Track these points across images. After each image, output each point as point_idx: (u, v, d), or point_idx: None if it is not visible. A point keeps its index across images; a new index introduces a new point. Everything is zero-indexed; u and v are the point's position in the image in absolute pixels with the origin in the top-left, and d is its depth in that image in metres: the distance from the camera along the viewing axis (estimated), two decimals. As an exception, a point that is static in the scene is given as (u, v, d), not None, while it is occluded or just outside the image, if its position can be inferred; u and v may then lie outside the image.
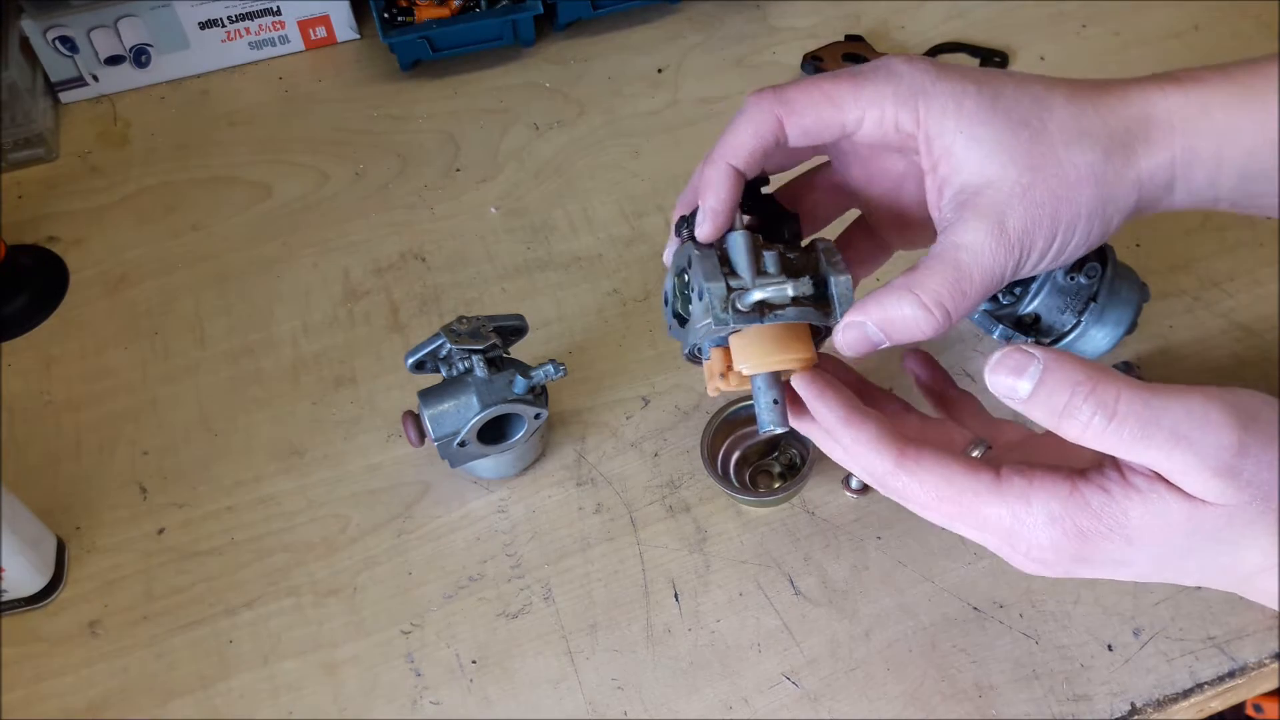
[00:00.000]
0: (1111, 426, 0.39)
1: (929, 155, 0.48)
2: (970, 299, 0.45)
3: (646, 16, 0.98)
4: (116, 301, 0.79)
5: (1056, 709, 0.59)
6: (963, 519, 0.43)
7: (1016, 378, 0.40)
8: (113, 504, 0.69)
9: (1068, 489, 0.41)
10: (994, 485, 0.42)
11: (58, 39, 0.89)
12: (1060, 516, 0.41)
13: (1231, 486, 0.39)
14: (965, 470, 0.43)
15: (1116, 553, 0.41)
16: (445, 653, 0.62)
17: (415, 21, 0.91)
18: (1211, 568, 0.42)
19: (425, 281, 0.79)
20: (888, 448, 0.44)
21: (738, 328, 0.47)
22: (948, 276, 0.45)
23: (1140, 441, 0.39)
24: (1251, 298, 0.75)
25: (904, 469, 0.44)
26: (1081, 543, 0.41)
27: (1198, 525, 0.40)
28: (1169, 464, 0.39)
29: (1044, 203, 0.45)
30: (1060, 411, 0.40)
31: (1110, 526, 0.40)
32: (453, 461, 0.65)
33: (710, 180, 0.48)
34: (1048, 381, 0.40)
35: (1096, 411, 0.39)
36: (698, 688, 0.60)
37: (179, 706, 0.61)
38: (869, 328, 0.46)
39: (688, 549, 0.65)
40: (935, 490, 0.43)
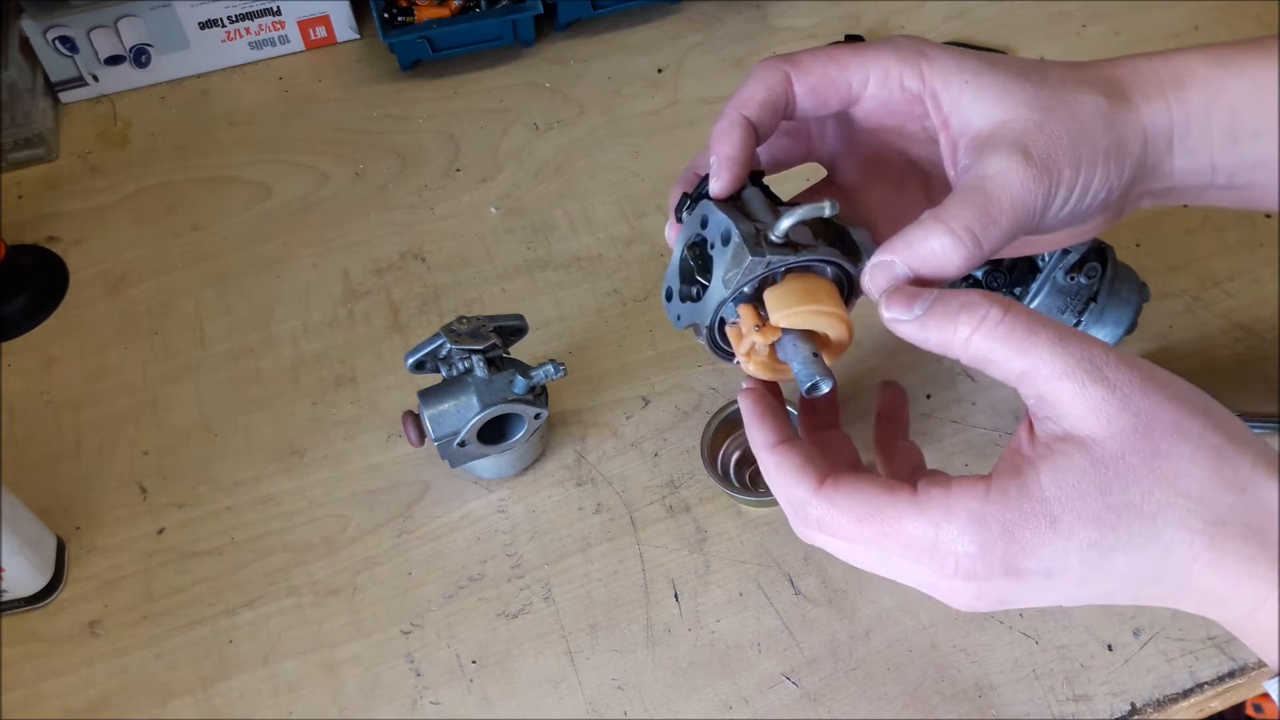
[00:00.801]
0: (1006, 318, 0.39)
1: (938, 112, 0.47)
2: (1001, 228, 0.43)
3: (646, 16, 0.98)
4: (116, 301, 0.79)
5: (1056, 709, 0.59)
6: (884, 541, 0.41)
7: (909, 304, 0.42)
8: (113, 504, 0.69)
9: (983, 487, 0.39)
10: (912, 500, 0.40)
11: (58, 39, 0.89)
12: (981, 514, 0.39)
13: (1110, 400, 0.38)
14: (882, 489, 0.41)
15: (1046, 551, 0.39)
16: (445, 653, 0.62)
17: (415, 21, 0.91)
18: (1145, 564, 0.39)
19: (425, 281, 0.79)
20: (809, 476, 0.43)
21: (773, 264, 0.44)
22: (975, 203, 0.43)
23: (1028, 336, 0.39)
24: (1251, 298, 0.75)
25: (821, 495, 0.42)
26: (1009, 542, 0.39)
27: (1104, 474, 0.38)
28: (1050, 364, 0.39)
29: (1061, 135, 0.44)
30: (957, 310, 0.40)
31: (1030, 510, 0.39)
32: (453, 461, 0.65)
33: (723, 131, 0.47)
34: (943, 296, 0.41)
35: (993, 304, 0.40)
36: (698, 688, 0.60)
37: (179, 706, 0.61)
38: (897, 265, 0.44)
39: (688, 549, 0.65)
40: (853, 512, 0.41)
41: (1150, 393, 0.39)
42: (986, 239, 0.43)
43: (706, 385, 0.73)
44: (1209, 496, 0.38)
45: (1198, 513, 0.38)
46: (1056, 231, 0.48)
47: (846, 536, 0.42)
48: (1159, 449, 0.38)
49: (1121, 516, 0.38)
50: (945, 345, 0.41)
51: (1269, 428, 0.68)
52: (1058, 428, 0.39)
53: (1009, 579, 0.39)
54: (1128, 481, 0.38)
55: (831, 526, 0.42)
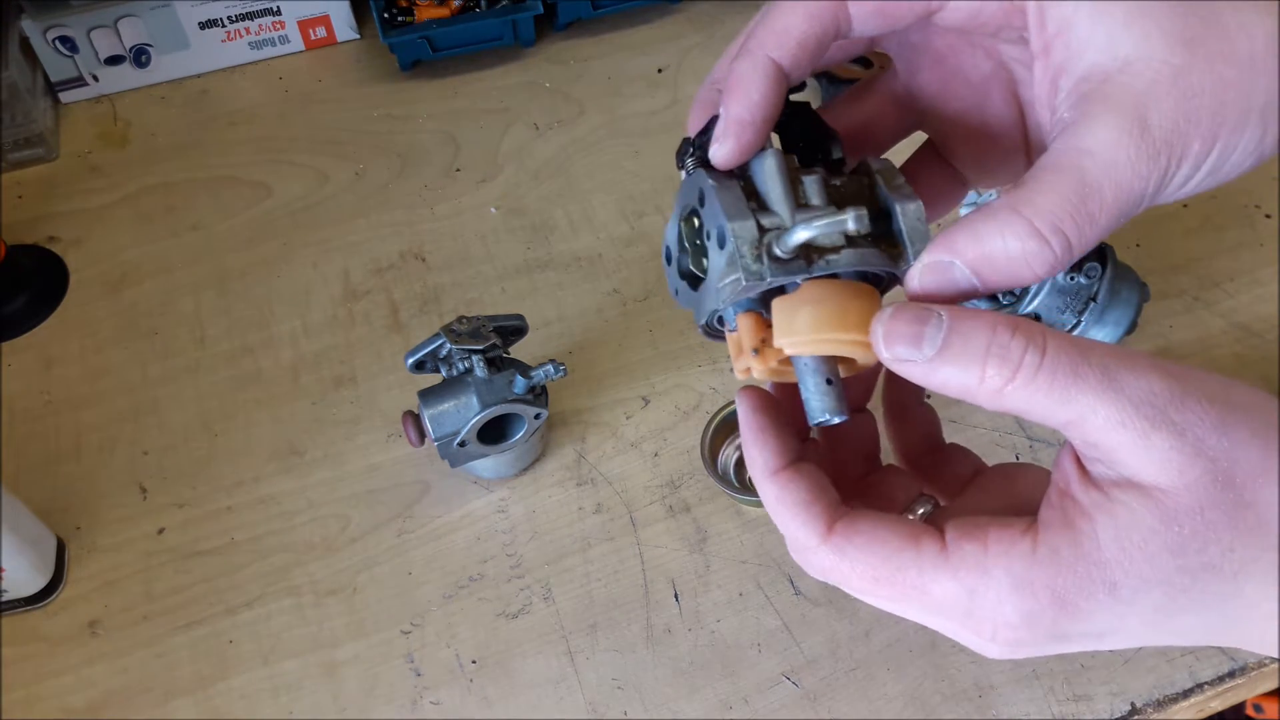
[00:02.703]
0: (1045, 364, 0.31)
1: (1040, 33, 0.35)
2: (1099, 225, 0.33)
3: (646, 16, 0.98)
4: (116, 301, 0.79)
5: (1056, 709, 0.59)
6: (907, 601, 0.34)
7: (916, 338, 0.32)
8: (113, 504, 0.69)
9: (1029, 543, 0.32)
10: (941, 557, 0.33)
11: (58, 39, 0.89)
12: (1027, 580, 0.32)
13: (1178, 448, 0.31)
14: (905, 540, 0.34)
15: (1102, 615, 0.32)
16: (445, 653, 0.62)
17: (415, 21, 0.91)
18: (1215, 619, 0.33)
19: (425, 281, 0.79)
20: (815, 518, 0.35)
21: (776, 283, 0.35)
22: (1069, 192, 0.33)
23: (1072, 383, 0.31)
24: (1251, 298, 0.75)
25: (830, 545, 0.34)
26: (1059, 610, 0.32)
27: (1175, 534, 0.31)
28: (1100, 412, 0.31)
29: (1203, 91, 0.33)
30: (983, 355, 0.31)
31: (1087, 575, 0.31)
32: (453, 461, 0.65)
33: (740, 79, 0.36)
34: (960, 330, 0.32)
35: (1028, 348, 0.31)
36: (698, 688, 0.60)
37: (179, 706, 0.61)
38: (957, 269, 0.33)
39: (688, 549, 0.65)
40: (870, 570, 0.34)
41: (1229, 429, 0.31)
42: (1081, 239, 0.33)
43: (706, 385, 0.73)
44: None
45: None
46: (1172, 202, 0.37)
47: (860, 591, 0.35)
48: (1243, 499, 0.31)
49: (1196, 579, 0.31)
50: (968, 395, 0.33)
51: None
52: (1114, 473, 0.32)
53: (1054, 643, 0.33)
54: (1206, 540, 0.31)
55: (840, 579, 0.35)
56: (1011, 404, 0.32)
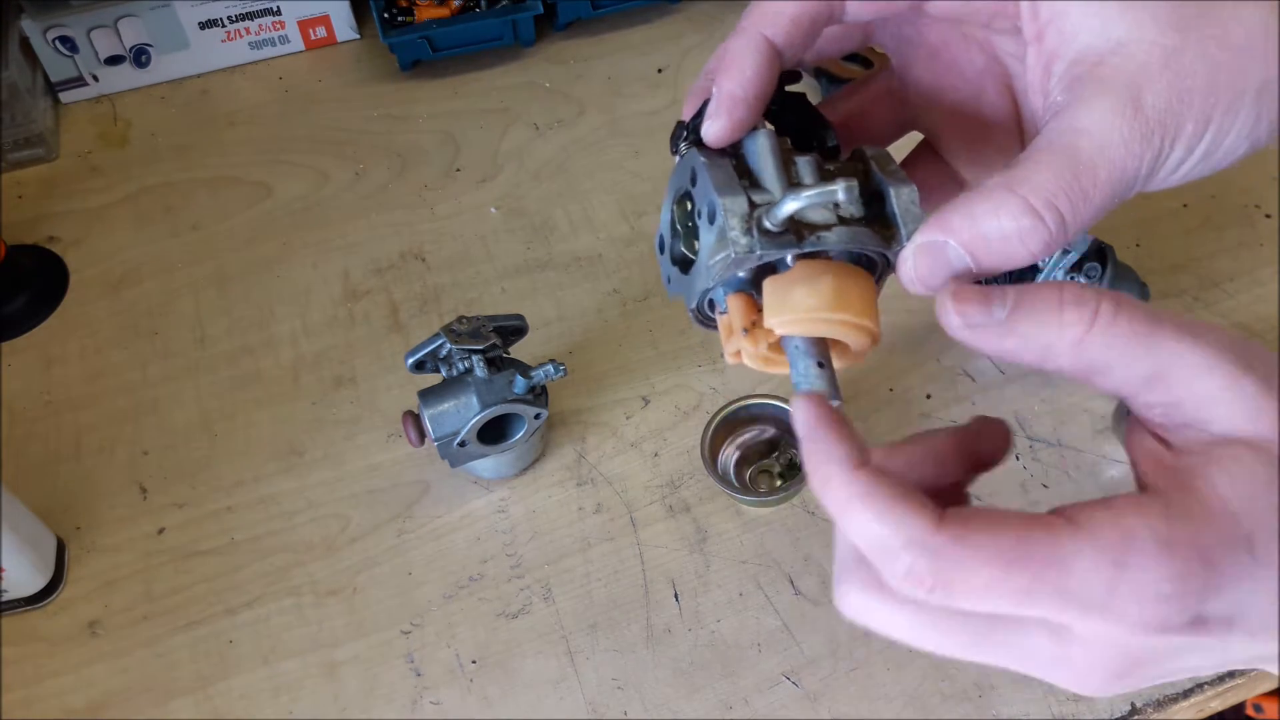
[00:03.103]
0: (1122, 310, 0.30)
1: (1033, 20, 0.35)
2: (1093, 203, 0.33)
3: (646, 16, 0.98)
4: (116, 301, 0.79)
5: (1056, 709, 0.59)
6: (1041, 585, 0.29)
7: (986, 303, 0.31)
8: (113, 504, 0.69)
9: (1162, 505, 0.29)
10: (1075, 527, 0.29)
11: (58, 39, 0.89)
12: (1171, 540, 0.28)
13: (1266, 391, 0.29)
14: (1031, 519, 0.30)
15: (1245, 584, 0.29)
16: (445, 653, 0.62)
17: (415, 21, 0.91)
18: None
19: (425, 281, 0.79)
20: (923, 506, 0.30)
21: (767, 258, 0.34)
22: (1063, 170, 0.32)
23: (1154, 329, 0.30)
24: (1251, 298, 0.75)
25: (947, 533, 0.29)
26: (1208, 573, 0.28)
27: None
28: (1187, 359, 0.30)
29: (1195, 72, 0.32)
30: (1058, 305, 0.30)
31: (1225, 531, 0.29)
32: (453, 461, 0.65)
33: (734, 56, 0.35)
34: (1028, 292, 0.31)
35: (1101, 297, 0.30)
36: (698, 688, 0.60)
37: (179, 706, 0.61)
38: (951, 249, 0.33)
39: (688, 549, 0.65)
40: (996, 554, 0.29)
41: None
42: (1075, 219, 0.32)
43: (706, 385, 0.73)
44: None
45: None
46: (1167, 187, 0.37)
47: (979, 588, 0.29)
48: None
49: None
50: (1046, 352, 0.31)
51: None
52: (1207, 433, 0.31)
53: (1191, 632, 0.29)
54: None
55: (959, 578, 0.29)
56: (1093, 354, 0.31)
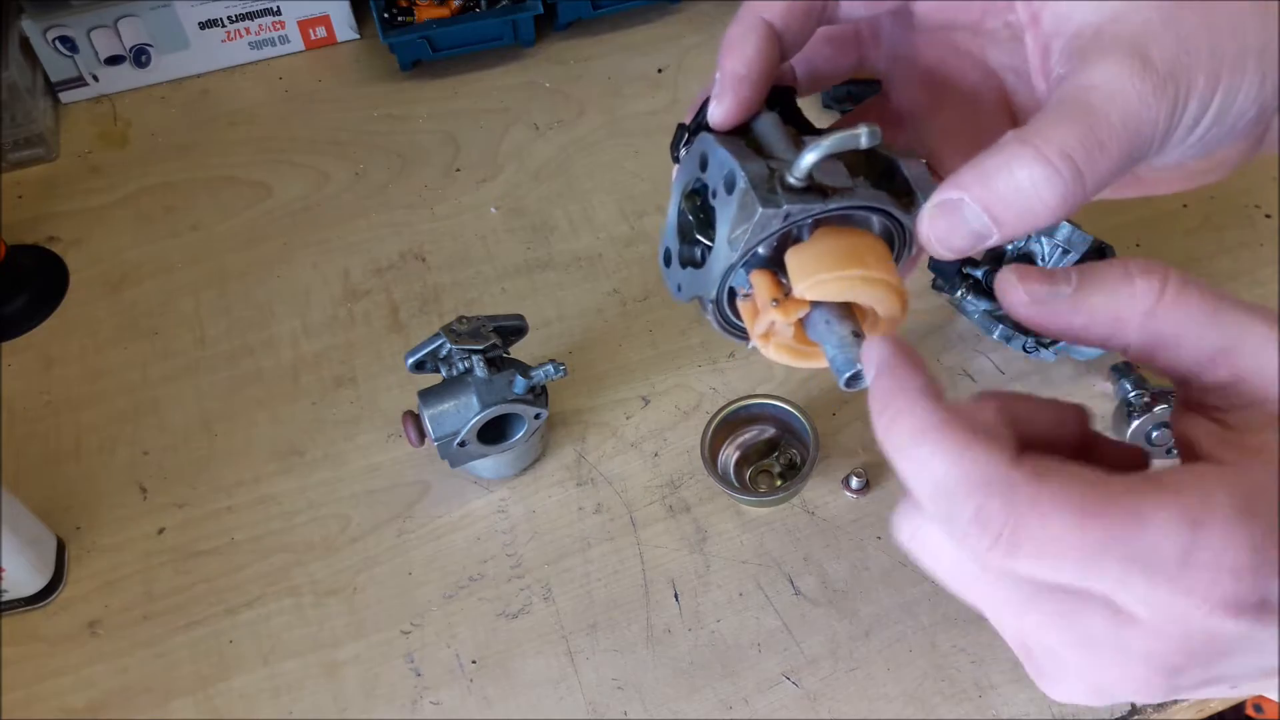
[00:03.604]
0: (1191, 285, 0.30)
1: (1027, 5, 0.36)
2: (1110, 156, 0.31)
3: (646, 16, 0.98)
4: (116, 301, 0.79)
5: (1056, 709, 0.59)
6: (1116, 543, 0.26)
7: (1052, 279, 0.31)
8: (113, 504, 0.69)
9: (1235, 473, 0.27)
10: (1156, 482, 0.27)
11: (58, 39, 0.89)
12: (1249, 506, 0.26)
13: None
14: (1108, 476, 0.27)
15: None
16: (445, 653, 0.62)
17: (415, 21, 0.91)
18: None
19: (425, 281, 0.79)
20: (1003, 441, 0.28)
21: (793, 216, 0.33)
22: (1076, 120, 0.31)
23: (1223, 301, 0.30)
24: (1251, 298, 0.75)
25: (1026, 470, 0.27)
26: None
27: None
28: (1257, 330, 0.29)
29: (1196, 32, 0.32)
30: (1129, 280, 0.30)
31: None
32: (453, 461, 0.65)
33: (734, 40, 0.36)
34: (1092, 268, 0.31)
35: (1168, 270, 0.30)
36: (698, 688, 0.60)
37: (179, 706, 0.61)
38: (967, 207, 0.32)
39: (688, 549, 0.65)
40: (1078, 497, 0.27)
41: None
42: (1092, 170, 0.31)
43: (706, 385, 0.73)
44: None
45: None
46: (1183, 164, 0.36)
47: (1055, 536, 0.27)
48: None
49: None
50: (1115, 326, 0.30)
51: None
52: (1265, 413, 0.29)
53: (1254, 618, 0.26)
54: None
55: (1035, 525, 0.27)
56: (1163, 325, 0.30)
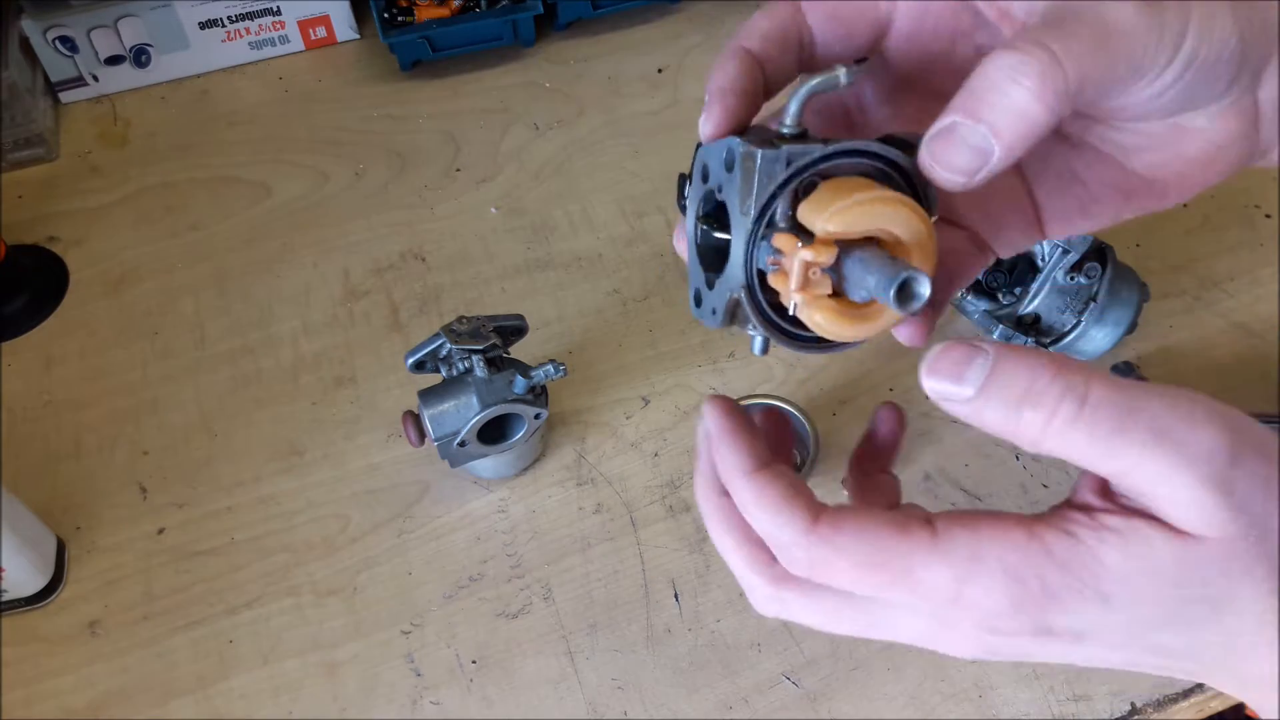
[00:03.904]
0: (1084, 413, 0.31)
1: (991, 5, 0.36)
2: (1083, 42, 0.32)
3: (646, 16, 0.98)
4: (116, 301, 0.79)
5: (1056, 709, 0.59)
6: (890, 590, 0.33)
7: (959, 376, 0.32)
8: (113, 504, 0.69)
9: (1024, 536, 0.32)
10: (932, 543, 0.32)
11: (58, 39, 0.89)
12: (1019, 571, 0.32)
13: (1225, 506, 0.31)
14: (894, 528, 0.33)
15: (1088, 617, 0.32)
16: (445, 653, 0.62)
17: (415, 21, 0.91)
18: (1195, 643, 0.33)
19: (425, 281, 0.79)
20: (800, 510, 0.34)
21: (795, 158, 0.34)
22: (1060, 20, 0.32)
23: (1116, 435, 0.31)
24: (1251, 298, 0.75)
25: (817, 534, 0.33)
26: (1047, 603, 0.32)
27: (1188, 573, 0.32)
28: (1149, 468, 0.31)
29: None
30: (1020, 399, 0.31)
31: (1081, 580, 0.32)
32: (453, 461, 0.65)
33: (717, 66, 0.38)
34: (1002, 370, 0.32)
35: (1065, 395, 0.31)
36: (698, 688, 0.60)
37: (179, 706, 0.61)
38: (962, 126, 0.32)
39: (688, 549, 0.65)
40: (856, 556, 0.33)
41: (1267, 488, 0.32)
42: (1067, 52, 0.31)
43: (706, 385, 0.73)
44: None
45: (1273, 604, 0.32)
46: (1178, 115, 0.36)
47: (844, 583, 0.34)
48: (1262, 552, 0.32)
49: (1188, 606, 0.32)
50: (1009, 438, 0.33)
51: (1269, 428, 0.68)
52: (1141, 504, 0.32)
53: (1036, 638, 0.33)
54: (1213, 578, 0.32)
55: (827, 572, 0.34)
56: (1050, 449, 0.32)
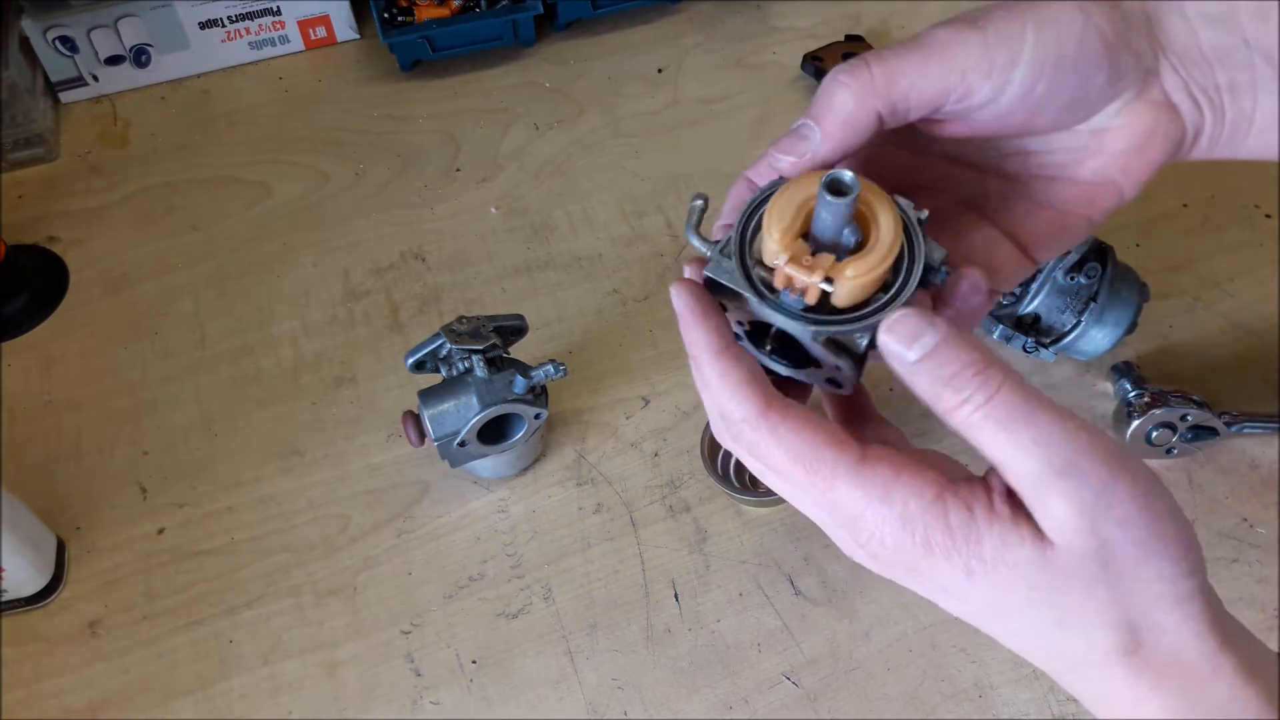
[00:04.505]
0: (986, 407, 0.36)
1: None
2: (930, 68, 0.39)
3: (646, 16, 0.98)
4: (116, 301, 0.79)
5: (1056, 709, 0.59)
6: (809, 490, 0.38)
7: (909, 341, 0.37)
8: (113, 504, 0.69)
9: (933, 494, 0.37)
10: (856, 468, 0.38)
11: (58, 39, 0.89)
12: (913, 521, 0.37)
13: (1082, 523, 0.35)
14: (830, 442, 0.38)
15: (951, 581, 0.37)
16: (445, 653, 0.62)
17: (415, 21, 0.91)
18: (1038, 638, 0.38)
19: (425, 281, 0.79)
20: (755, 395, 0.38)
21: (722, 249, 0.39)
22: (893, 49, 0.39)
23: (1004, 430, 0.36)
24: (1251, 298, 0.75)
25: (765, 421, 0.38)
26: (924, 555, 0.37)
27: (1040, 576, 0.36)
28: (1022, 463, 0.36)
29: None
30: (947, 379, 0.37)
31: (957, 551, 0.37)
32: (453, 461, 0.65)
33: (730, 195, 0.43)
34: (943, 351, 0.37)
35: (981, 388, 0.36)
36: (698, 688, 0.60)
37: (179, 706, 0.61)
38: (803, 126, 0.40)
39: (688, 549, 0.65)
40: (791, 451, 0.38)
41: (1124, 521, 0.36)
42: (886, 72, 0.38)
43: (706, 385, 0.72)
44: (1144, 618, 0.36)
45: (1124, 627, 0.36)
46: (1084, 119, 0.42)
47: (774, 467, 0.39)
48: (1106, 577, 0.36)
49: (1036, 609, 0.37)
50: (931, 407, 0.38)
51: (1269, 428, 0.68)
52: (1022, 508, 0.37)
53: (908, 574, 0.38)
54: (1063, 591, 0.36)
55: (763, 454, 0.39)
56: (956, 427, 0.37)
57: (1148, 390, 0.67)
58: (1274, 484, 0.67)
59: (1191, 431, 0.67)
